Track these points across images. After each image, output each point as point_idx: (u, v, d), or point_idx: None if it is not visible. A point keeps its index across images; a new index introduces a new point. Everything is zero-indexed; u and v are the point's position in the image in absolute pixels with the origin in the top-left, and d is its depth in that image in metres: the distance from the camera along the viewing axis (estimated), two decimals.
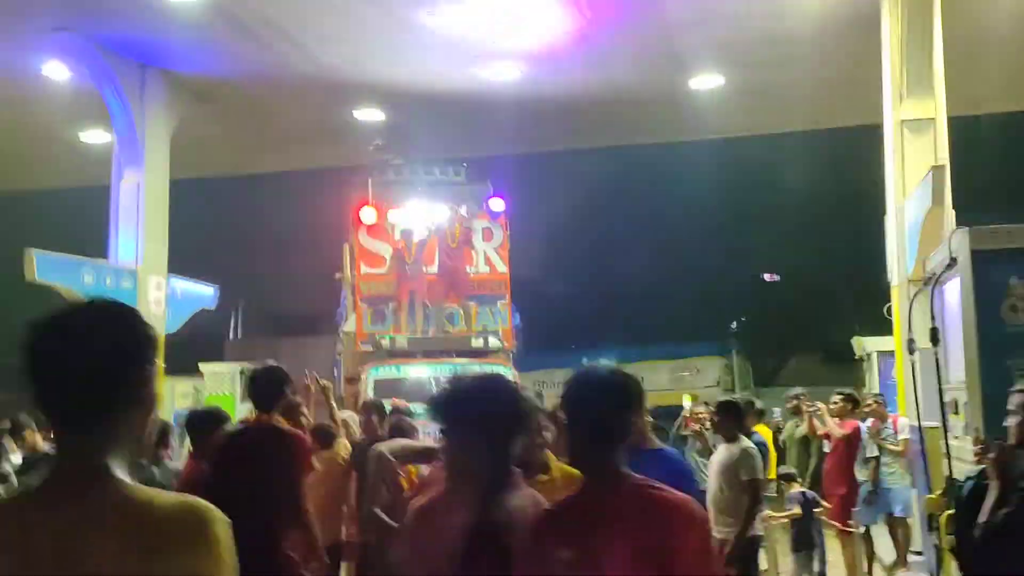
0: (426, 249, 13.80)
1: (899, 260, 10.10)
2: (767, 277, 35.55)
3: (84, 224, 17.75)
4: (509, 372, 12.57)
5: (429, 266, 13.72)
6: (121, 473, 1.45)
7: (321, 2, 11.07)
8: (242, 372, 14.89)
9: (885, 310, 10.60)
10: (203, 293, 14.27)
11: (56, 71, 13.19)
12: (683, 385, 25.08)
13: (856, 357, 14.13)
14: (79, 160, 17.34)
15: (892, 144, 10.33)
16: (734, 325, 30.67)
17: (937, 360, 6.22)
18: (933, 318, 6.06)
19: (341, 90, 14.18)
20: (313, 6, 11.20)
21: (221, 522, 1.43)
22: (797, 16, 11.71)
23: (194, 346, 18.23)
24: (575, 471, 2.57)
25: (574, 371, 2.38)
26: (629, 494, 2.14)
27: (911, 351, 6.87)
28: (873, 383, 12.79)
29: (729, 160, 17.69)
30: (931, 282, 6.63)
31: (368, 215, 13.65)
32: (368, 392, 11.97)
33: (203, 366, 15.33)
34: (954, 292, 6.30)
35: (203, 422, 5.15)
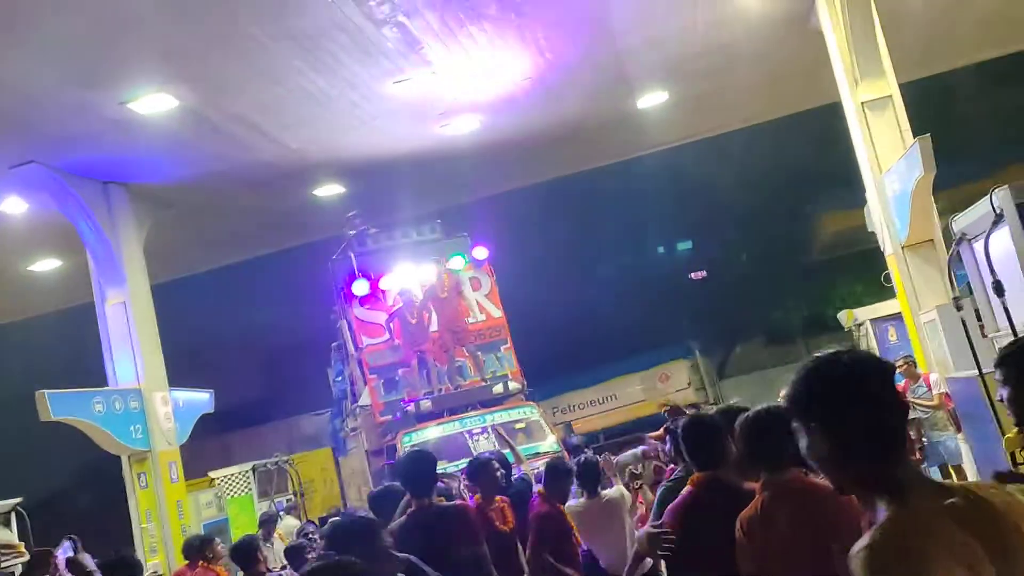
0: (422, 309, 13.92)
1: (889, 230, 10.76)
2: (694, 276, 36.76)
3: (45, 349, 17.22)
4: (534, 411, 12.79)
5: (428, 325, 13.83)
6: None
7: (287, 88, 11.15)
8: (254, 469, 14.60)
9: (883, 277, 11.24)
10: (201, 399, 13.95)
11: (13, 206, 12.84)
12: (656, 394, 25.70)
13: (845, 328, 14.83)
14: (30, 290, 16.83)
15: (857, 125, 11.03)
16: (682, 325, 31.56)
17: (978, 311, 6.84)
18: (993, 271, 6.59)
19: (303, 171, 14.22)
20: (279, 94, 11.26)
21: None
22: (734, 23, 12.40)
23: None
24: None
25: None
26: None
27: (958, 307, 7.46)
28: (871, 349, 13.45)
29: (673, 167, 18.45)
30: (962, 240, 7.22)
31: (360, 287, 13.69)
32: None
33: (213, 473, 14.92)
34: (1000, 245, 6.85)
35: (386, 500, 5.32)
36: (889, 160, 10.59)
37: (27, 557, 9.48)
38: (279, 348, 29.65)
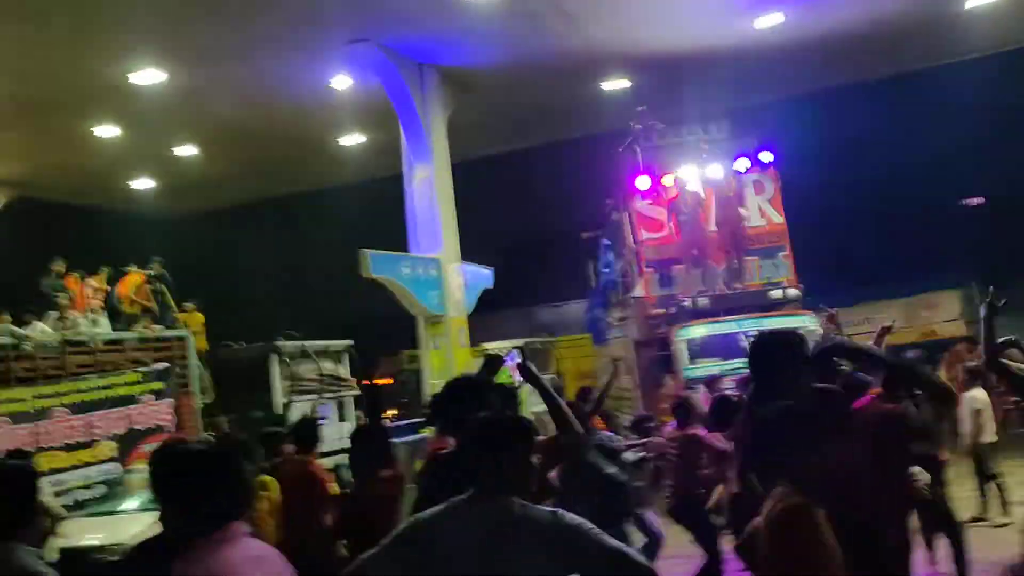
0: (702, 209, 13.91)
1: None
2: (970, 202, 33.47)
3: (347, 216, 19.01)
4: (812, 320, 12.57)
5: (707, 225, 13.83)
6: None
7: None
8: (524, 346, 15.56)
9: None
10: (485, 274, 14.97)
11: (340, 82, 14.10)
12: (919, 321, 24.21)
13: None
14: (339, 162, 18.53)
15: None
16: (954, 253, 29.15)
17: None
18: None
19: (597, 63, 14.49)
20: None
21: None
22: None
23: (400, 330, 19.21)
24: None
25: None
26: None
27: None
28: None
29: (983, 77, 16.72)
30: None
31: (643, 182, 13.85)
32: (683, 352, 12.32)
33: (486, 344, 16.09)
34: None
35: None
36: None
37: (357, 391, 10.88)
38: (530, 238, 30.77)
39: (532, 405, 10.32)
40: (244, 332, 14.22)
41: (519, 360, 3.91)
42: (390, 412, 13.53)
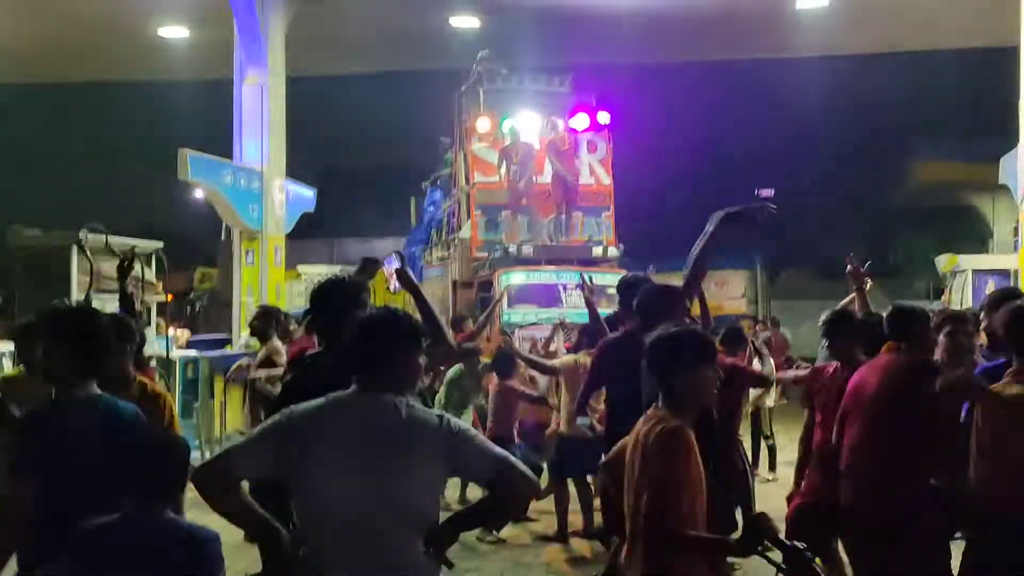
0: (534, 159, 14.08)
1: None
2: (762, 192, 36.18)
3: (169, 114, 17.59)
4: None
5: (538, 176, 14.04)
6: None
7: None
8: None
9: (1014, 228, 11.26)
10: (307, 195, 14.41)
11: None
12: (708, 296, 26.08)
13: (941, 273, 14.88)
14: (159, 55, 16.99)
15: None
16: (747, 237, 31.48)
17: None
18: None
19: None
20: None
21: None
22: None
23: (190, 245, 18.19)
24: None
25: None
26: None
27: None
28: (965, 300, 13.52)
29: (796, 78, 18.05)
30: None
31: (482, 124, 13.82)
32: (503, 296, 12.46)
33: (302, 267, 15.59)
34: None
35: None
36: None
37: (163, 296, 10.16)
38: (347, 167, 29.87)
39: None
40: (35, 222, 12.88)
41: (397, 265, 3.80)
42: (180, 331, 12.78)
